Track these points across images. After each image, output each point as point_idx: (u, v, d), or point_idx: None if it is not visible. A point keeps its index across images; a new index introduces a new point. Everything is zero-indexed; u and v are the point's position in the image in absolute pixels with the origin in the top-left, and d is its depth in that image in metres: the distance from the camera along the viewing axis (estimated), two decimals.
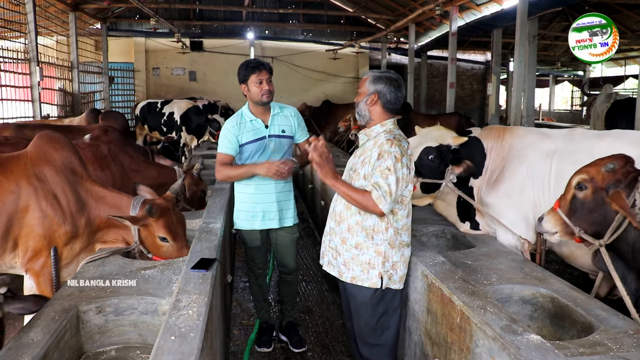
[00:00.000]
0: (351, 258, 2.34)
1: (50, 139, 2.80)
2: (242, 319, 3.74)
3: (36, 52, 8.16)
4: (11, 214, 2.58)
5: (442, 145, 3.09)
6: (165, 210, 2.78)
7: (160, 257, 2.76)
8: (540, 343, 1.76)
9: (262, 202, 3.01)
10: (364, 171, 2.29)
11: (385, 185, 2.18)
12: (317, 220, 5.74)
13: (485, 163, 3.16)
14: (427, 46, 14.81)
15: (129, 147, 4.07)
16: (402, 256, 2.35)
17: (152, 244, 2.77)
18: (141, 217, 2.73)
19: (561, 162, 2.85)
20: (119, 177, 3.73)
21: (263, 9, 15.24)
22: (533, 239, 2.91)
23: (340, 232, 2.38)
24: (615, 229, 2.11)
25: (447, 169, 3.08)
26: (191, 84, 15.48)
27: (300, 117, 3.15)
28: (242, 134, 2.96)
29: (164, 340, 1.69)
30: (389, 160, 2.19)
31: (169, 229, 2.74)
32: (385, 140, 2.25)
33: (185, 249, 2.76)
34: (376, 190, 2.19)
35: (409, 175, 2.25)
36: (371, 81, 2.34)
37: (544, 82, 20.08)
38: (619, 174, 2.11)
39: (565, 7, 11.25)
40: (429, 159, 3.08)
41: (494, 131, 3.24)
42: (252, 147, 2.96)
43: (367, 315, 2.36)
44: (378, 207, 2.19)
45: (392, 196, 2.19)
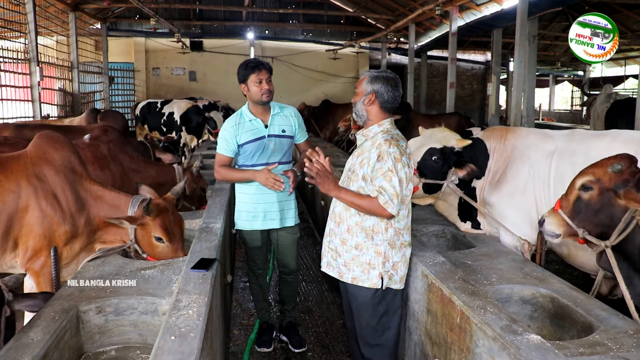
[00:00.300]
0: (351, 259, 2.34)
1: (50, 139, 2.80)
2: (242, 319, 3.74)
3: (36, 52, 8.17)
4: (11, 213, 2.58)
5: (445, 147, 3.09)
6: (164, 211, 2.77)
7: (155, 258, 2.74)
8: (540, 343, 1.76)
9: (263, 202, 3.01)
10: (363, 172, 2.28)
11: (391, 187, 2.18)
12: (317, 220, 5.74)
13: (488, 164, 3.17)
14: (427, 46, 14.82)
15: (128, 147, 4.06)
16: (402, 256, 2.35)
17: (147, 243, 2.75)
18: (138, 217, 2.72)
19: (560, 162, 2.87)
20: (118, 177, 3.73)
21: (263, 9, 15.25)
22: (535, 239, 2.92)
23: (340, 233, 2.37)
24: (622, 230, 2.10)
25: (449, 170, 3.09)
26: (191, 84, 15.49)
27: (300, 118, 3.15)
28: (241, 134, 2.96)
29: (164, 340, 1.69)
30: (389, 162, 2.19)
31: (165, 230, 2.73)
32: (384, 141, 2.24)
33: (180, 252, 2.75)
34: (382, 195, 2.19)
35: (409, 174, 2.26)
36: (368, 81, 2.34)
37: (544, 82, 20.08)
38: (626, 173, 2.11)
39: (565, 7, 11.25)
40: (432, 160, 3.08)
41: (496, 132, 3.25)
42: (252, 147, 2.95)
43: (368, 316, 2.36)
44: (387, 211, 2.20)
45: (399, 197, 2.20)
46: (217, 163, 3.01)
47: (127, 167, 3.84)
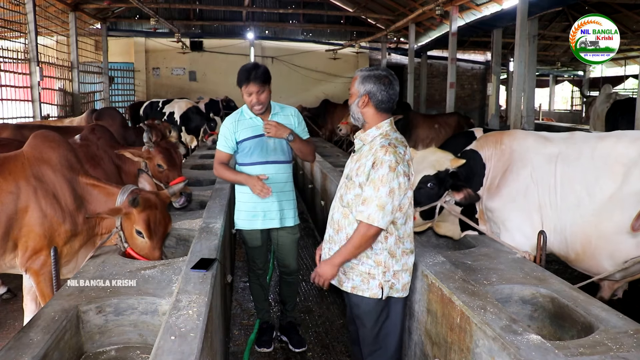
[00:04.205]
0: (350, 267, 2.26)
1: (45, 138, 2.80)
2: (242, 319, 3.74)
3: (36, 52, 8.17)
4: (11, 214, 2.58)
5: (439, 172, 2.96)
6: (152, 206, 2.74)
7: (133, 251, 2.73)
8: (540, 343, 1.76)
9: (262, 201, 3.00)
10: (359, 180, 2.19)
11: (376, 198, 2.08)
12: (317, 220, 5.73)
13: (486, 172, 3.12)
14: (427, 46, 14.82)
15: (116, 145, 4.00)
16: (404, 264, 2.26)
17: (129, 234, 2.74)
18: (124, 207, 2.70)
19: (566, 166, 2.84)
20: (110, 176, 3.70)
21: (263, 9, 15.26)
22: (535, 242, 2.89)
23: (339, 240, 2.29)
24: None
25: (445, 192, 2.98)
26: (191, 84, 15.50)
27: (301, 117, 3.14)
28: (240, 131, 2.97)
29: (164, 340, 1.69)
30: (381, 170, 2.09)
31: (147, 225, 2.69)
32: (380, 147, 2.12)
33: (157, 251, 2.72)
34: (363, 211, 2.11)
35: (406, 183, 2.15)
36: (360, 81, 2.21)
37: (544, 82, 20.09)
38: None
39: (565, 7, 11.26)
40: (428, 187, 2.94)
41: (490, 138, 3.20)
42: (250, 144, 2.96)
43: (370, 323, 2.31)
44: (373, 225, 2.09)
45: (385, 208, 2.08)
46: (216, 160, 3.02)
47: (113, 166, 3.81)
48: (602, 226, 2.68)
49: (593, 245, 2.73)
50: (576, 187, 2.79)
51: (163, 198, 2.87)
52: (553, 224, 2.87)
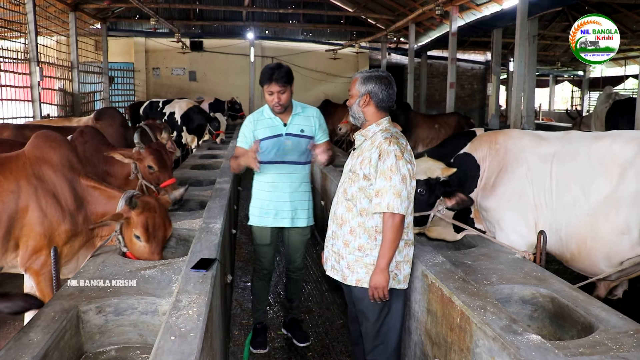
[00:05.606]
0: (355, 260, 2.31)
1: (46, 138, 2.81)
2: (242, 319, 3.74)
3: (36, 52, 8.17)
4: (11, 214, 2.58)
5: (430, 179, 2.98)
6: (151, 210, 2.74)
7: (133, 255, 2.72)
8: (540, 343, 1.76)
9: (275, 200, 3.04)
10: (364, 172, 2.26)
11: (391, 187, 2.16)
12: (317, 220, 5.72)
13: (480, 173, 3.12)
14: (427, 46, 14.82)
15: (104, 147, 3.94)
16: (406, 255, 2.32)
17: (128, 238, 2.74)
18: (125, 212, 2.70)
19: (562, 166, 2.84)
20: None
21: (263, 9, 15.26)
22: (533, 242, 2.89)
23: (343, 235, 2.35)
24: None
25: (437, 200, 3.00)
26: (191, 84, 15.50)
27: (322, 119, 3.15)
28: (259, 130, 3.00)
29: (164, 340, 1.69)
30: (389, 160, 2.18)
31: (145, 229, 2.69)
32: (383, 140, 2.23)
33: (156, 255, 2.72)
34: (380, 203, 2.17)
35: (413, 170, 2.25)
36: (361, 82, 2.32)
37: (544, 82, 20.10)
38: None
39: (565, 7, 11.26)
40: (418, 192, 2.93)
41: (484, 138, 3.20)
42: (269, 143, 2.97)
43: (374, 317, 2.34)
44: (395, 214, 2.15)
45: (402, 194, 2.17)
46: (233, 154, 3.08)
47: (101, 169, 3.77)
48: (597, 226, 2.68)
49: (588, 245, 2.72)
50: (572, 187, 2.78)
51: (163, 202, 2.88)
52: (549, 224, 2.86)
